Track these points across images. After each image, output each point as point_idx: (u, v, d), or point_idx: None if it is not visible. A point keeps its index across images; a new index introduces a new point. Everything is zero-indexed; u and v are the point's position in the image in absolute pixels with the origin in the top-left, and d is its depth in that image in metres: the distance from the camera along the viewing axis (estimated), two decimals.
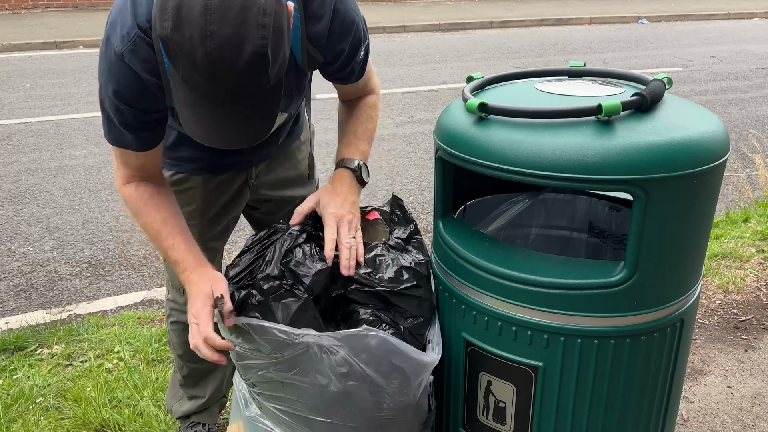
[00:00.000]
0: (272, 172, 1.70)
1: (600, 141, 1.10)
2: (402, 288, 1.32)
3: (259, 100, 1.08)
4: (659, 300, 1.20)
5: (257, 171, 1.68)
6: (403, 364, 1.27)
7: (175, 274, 1.70)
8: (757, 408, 2.18)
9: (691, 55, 9.29)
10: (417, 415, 1.37)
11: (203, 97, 1.05)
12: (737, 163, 4.82)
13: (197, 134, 1.11)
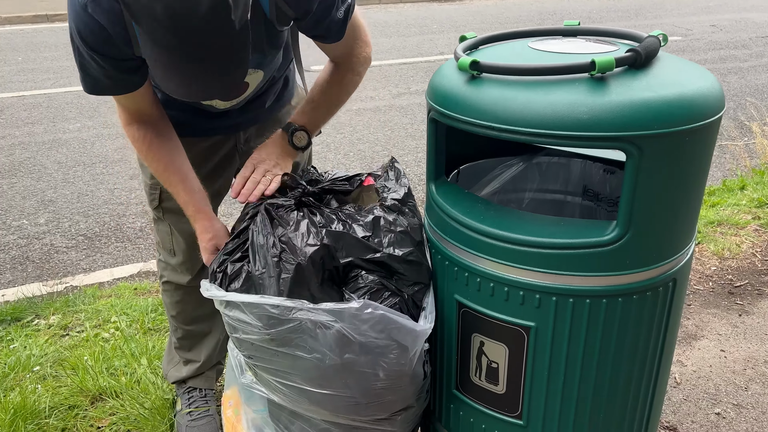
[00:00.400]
0: (262, 137, 1.69)
1: (593, 98, 1.09)
2: (403, 254, 1.31)
3: (226, 48, 1.07)
4: (652, 259, 1.20)
5: (246, 136, 1.66)
6: (398, 336, 1.27)
7: (165, 234, 1.72)
8: (750, 371, 2.20)
9: (690, 24, 9.20)
10: (413, 383, 1.37)
11: (170, 51, 1.04)
12: (735, 131, 4.80)
13: (170, 89, 1.11)
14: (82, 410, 1.96)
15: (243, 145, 1.67)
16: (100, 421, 1.93)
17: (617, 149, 1.10)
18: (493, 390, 1.36)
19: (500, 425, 1.38)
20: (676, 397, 2.08)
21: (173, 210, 1.68)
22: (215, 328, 1.87)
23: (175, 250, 1.74)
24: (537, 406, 1.32)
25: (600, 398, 1.30)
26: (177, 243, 1.72)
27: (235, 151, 1.67)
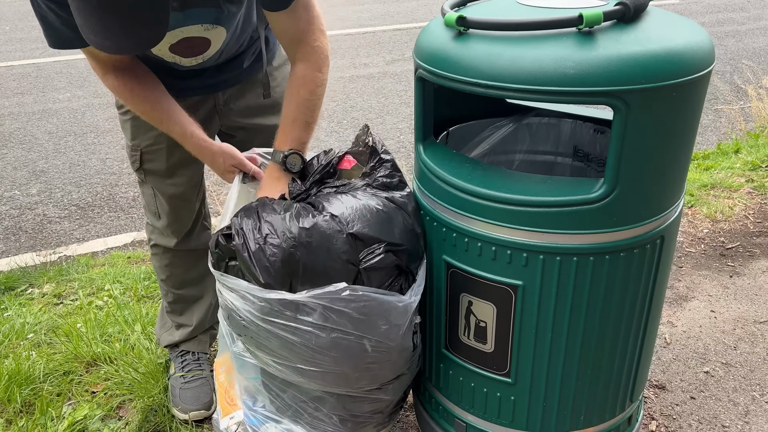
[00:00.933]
0: (242, 98, 1.68)
1: (580, 52, 1.07)
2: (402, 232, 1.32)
3: (148, 4, 1.06)
4: (639, 216, 1.19)
5: (225, 97, 1.65)
6: (384, 312, 1.27)
7: (149, 197, 1.71)
8: (739, 330, 2.22)
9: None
10: (402, 355, 1.38)
11: (92, 4, 1.04)
12: (731, 95, 4.77)
13: (91, 41, 1.11)
14: (77, 376, 1.98)
15: (223, 106, 1.66)
16: (95, 386, 1.94)
17: (604, 104, 1.09)
18: (482, 349, 1.37)
19: (489, 383, 1.40)
20: (665, 356, 2.11)
21: (155, 172, 1.68)
22: (206, 293, 1.88)
23: (159, 212, 1.74)
24: (525, 364, 1.33)
25: (587, 356, 1.31)
26: (161, 206, 1.72)
27: (215, 112, 1.66)
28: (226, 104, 1.66)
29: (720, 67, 5.78)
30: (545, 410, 1.38)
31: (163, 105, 1.48)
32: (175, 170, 1.68)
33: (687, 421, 1.84)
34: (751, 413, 1.87)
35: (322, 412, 1.44)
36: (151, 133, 1.63)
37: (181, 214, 1.73)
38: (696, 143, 4.30)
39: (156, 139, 1.64)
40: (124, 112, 1.67)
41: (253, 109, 1.71)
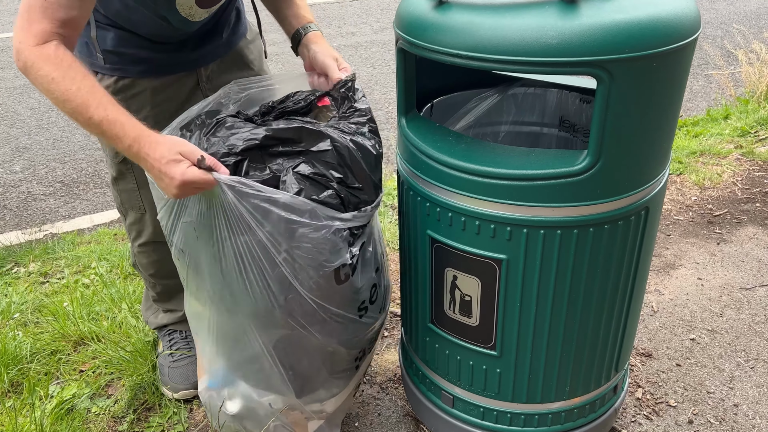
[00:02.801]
0: (224, 74, 1.63)
1: (562, 21, 1.04)
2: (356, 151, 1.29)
3: None
4: (623, 188, 1.18)
5: (207, 73, 1.60)
6: (303, 220, 1.22)
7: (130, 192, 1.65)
8: (726, 297, 2.24)
9: None
10: (346, 302, 1.36)
11: None
12: (721, 60, 4.73)
13: None
14: (65, 355, 1.97)
15: (206, 83, 1.61)
16: (83, 364, 1.94)
17: (587, 75, 1.07)
18: (467, 322, 1.37)
19: (475, 356, 1.40)
20: (652, 324, 2.12)
21: None
22: None
23: (144, 205, 1.67)
24: (510, 336, 1.33)
25: (572, 328, 1.31)
26: (145, 196, 1.65)
27: (198, 90, 1.61)
28: (209, 81, 1.61)
29: (711, 31, 5.73)
30: (531, 381, 1.39)
31: (97, 97, 1.21)
32: None
33: (673, 388, 1.86)
34: (736, 379, 1.89)
35: (264, 372, 1.43)
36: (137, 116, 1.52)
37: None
38: (686, 109, 4.29)
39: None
40: None
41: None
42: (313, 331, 1.37)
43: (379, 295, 1.50)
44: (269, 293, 1.28)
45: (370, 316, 1.48)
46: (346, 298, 1.38)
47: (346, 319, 1.40)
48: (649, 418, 1.76)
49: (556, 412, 1.44)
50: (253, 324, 1.35)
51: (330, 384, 1.52)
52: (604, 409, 1.52)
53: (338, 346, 1.44)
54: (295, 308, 1.32)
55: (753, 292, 2.26)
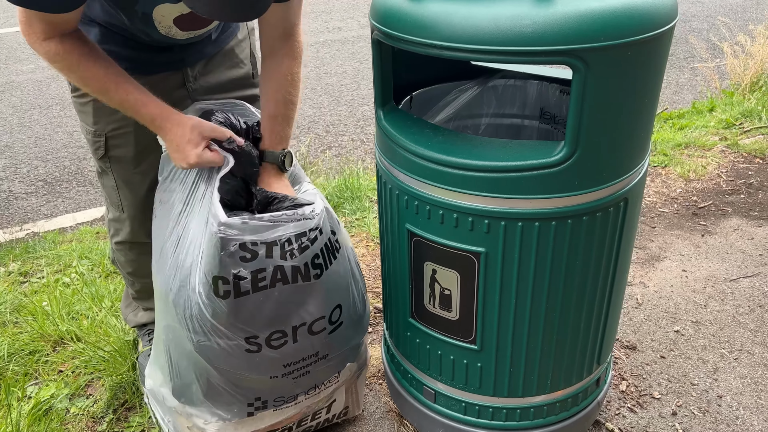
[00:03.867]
0: (211, 73, 1.60)
1: (537, 9, 1.03)
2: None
3: None
4: (601, 179, 1.17)
5: (194, 73, 1.57)
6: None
7: (111, 189, 1.62)
8: (710, 289, 2.24)
9: None
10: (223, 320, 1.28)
11: None
12: (707, 53, 4.74)
13: (198, 7, 1.06)
14: (44, 355, 1.95)
15: (192, 83, 1.57)
16: (62, 364, 1.91)
17: (563, 64, 1.05)
18: (447, 317, 1.35)
19: (455, 351, 1.39)
20: (637, 317, 2.12)
21: (121, 159, 1.56)
22: None
23: (123, 205, 1.63)
24: (490, 330, 1.32)
25: (552, 321, 1.30)
26: (124, 197, 1.61)
27: (184, 88, 1.57)
28: (196, 81, 1.58)
29: (697, 24, 5.75)
30: (512, 375, 1.37)
31: (117, 70, 1.33)
32: (143, 156, 1.57)
33: (657, 380, 1.86)
34: (720, 370, 1.89)
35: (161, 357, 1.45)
36: (115, 115, 1.49)
37: (148, 203, 1.64)
38: (672, 102, 4.30)
39: (122, 122, 1.51)
40: (82, 95, 1.52)
41: (224, 84, 1.63)
42: (189, 331, 1.31)
43: (290, 346, 1.36)
44: (171, 276, 1.32)
45: (269, 358, 1.35)
46: (223, 316, 1.28)
47: (224, 336, 1.31)
48: (633, 411, 1.75)
49: (538, 405, 1.43)
50: (157, 302, 1.41)
51: (208, 407, 1.42)
52: (587, 402, 1.51)
53: (209, 367, 1.35)
54: (180, 300, 1.30)
55: (737, 283, 2.27)
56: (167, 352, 1.40)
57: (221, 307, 1.26)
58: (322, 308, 1.36)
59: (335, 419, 1.64)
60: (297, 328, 1.34)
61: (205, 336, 1.30)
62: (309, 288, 1.32)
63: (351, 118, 4.24)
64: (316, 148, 3.82)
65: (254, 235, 1.23)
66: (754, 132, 3.42)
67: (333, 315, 1.40)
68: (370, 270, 2.40)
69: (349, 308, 1.44)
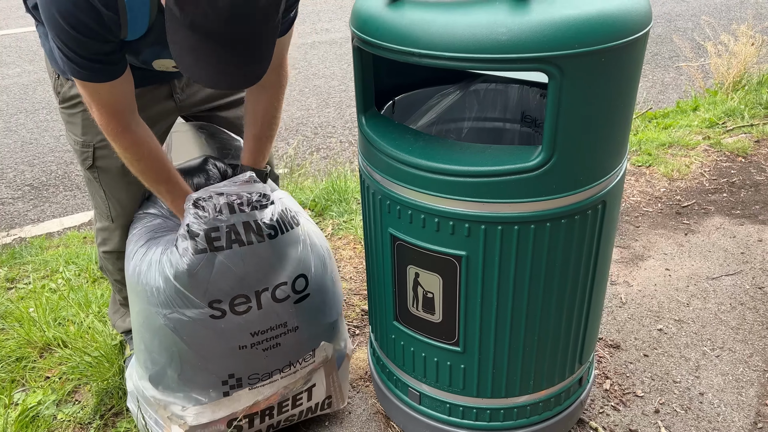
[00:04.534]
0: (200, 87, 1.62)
1: (513, 17, 1.04)
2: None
3: (266, 41, 1.09)
4: (579, 182, 1.19)
5: (181, 84, 1.58)
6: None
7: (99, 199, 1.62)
8: (693, 287, 2.27)
9: None
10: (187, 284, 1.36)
11: (213, 42, 1.04)
12: (691, 52, 4.79)
13: (200, 77, 1.09)
14: (31, 361, 1.94)
15: (180, 94, 1.58)
16: (49, 371, 1.91)
17: (539, 71, 1.07)
18: (430, 319, 1.37)
19: (439, 353, 1.40)
20: (621, 316, 2.14)
21: (108, 170, 1.56)
22: None
23: (112, 215, 1.62)
24: (472, 332, 1.33)
25: (533, 322, 1.32)
26: (113, 206, 1.61)
27: (173, 101, 1.58)
28: (183, 90, 1.60)
29: (682, 24, 5.80)
30: (495, 376, 1.39)
31: (167, 161, 1.44)
32: None
33: (640, 378, 1.89)
34: (702, 368, 1.92)
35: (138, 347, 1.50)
36: None
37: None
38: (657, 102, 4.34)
39: None
40: (72, 105, 1.52)
41: (212, 95, 1.66)
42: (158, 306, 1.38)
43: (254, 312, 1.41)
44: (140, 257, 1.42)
45: (235, 324, 1.40)
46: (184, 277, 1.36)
47: (190, 304, 1.37)
48: (617, 409, 1.78)
49: (522, 405, 1.45)
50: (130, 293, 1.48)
51: (185, 392, 1.46)
52: (570, 402, 1.54)
53: (179, 341, 1.39)
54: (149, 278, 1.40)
55: (719, 281, 2.30)
56: (142, 339, 1.45)
57: (182, 266, 1.34)
58: (282, 274, 1.42)
59: (319, 410, 1.66)
60: (260, 293, 1.41)
61: (171, 307, 1.36)
62: (265, 249, 1.39)
63: (339, 119, 4.25)
64: (304, 150, 3.83)
65: (205, 193, 1.35)
66: (736, 131, 3.46)
67: (297, 284, 1.45)
68: (358, 272, 2.41)
69: (317, 282, 1.49)
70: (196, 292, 1.35)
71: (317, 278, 1.50)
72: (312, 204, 2.88)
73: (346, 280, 2.37)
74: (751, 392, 1.83)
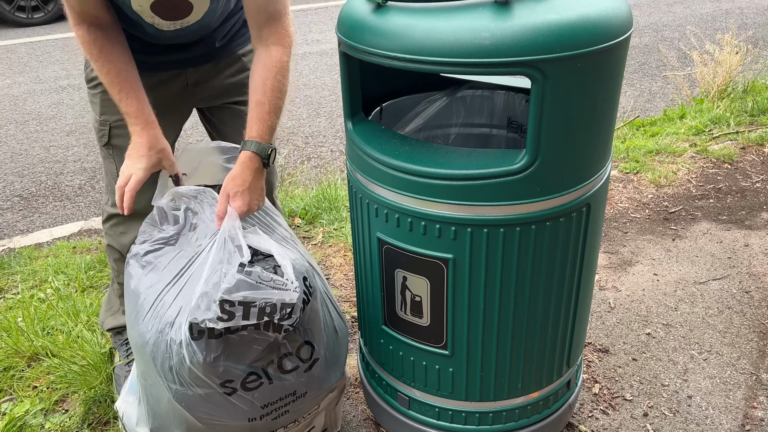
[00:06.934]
0: (216, 78, 1.66)
1: (496, 22, 1.06)
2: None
3: None
4: (563, 185, 1.20)
5: (197, 76, 1.63)
6: None
7: (111, 177, 1.69)
8: (680, 292, 2.29)
9: None
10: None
11: None
12: (677, 62, 4.84)
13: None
14: (18, 371, 1.93)
15: (193, 86, 1.63)
16: (37, 380, 1.90)
17: (521, 75, 1.09)
18: (418, 323, 1.37)
19: (427, 357, 1.41)
20: (609, 321, 2.16)
21: (122, 147, 1.58)
22: None
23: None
24: (460, 335, 1.34)
25: (520, 325, 1.33)
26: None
27: (185, 91, 1.63)
28: (197, 84, 1.64)
29: (668, 33, 5.87)
30: (483, 380, 1.40)
31: (128, 74, 1.44)
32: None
33: (629, 382, 1.89)
34: (690, 371, 1.93)
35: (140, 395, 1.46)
36: None
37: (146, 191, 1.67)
38: (645, 110, 4.38)
39: None
40: (93, 86, 1.64)
41: (228, 88, 1.69)
42: (166, 381, 1.31)
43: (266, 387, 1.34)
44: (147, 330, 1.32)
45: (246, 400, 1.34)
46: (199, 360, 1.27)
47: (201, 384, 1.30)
48: (606, 413, 1.79)
49: (510, 409, 1.46)
50: (135, 353, 1.41)
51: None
52: (558, 405, 1.54)
53: (188, 415, 1.33)
54: (157, 353, 1.30)
55: (706, 285, 2.32)
56: (145, 396, 1.40)
57: (195, 350, 1.25)
58: (286, 345, 1.34)
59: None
60: (266, 367, 1.33)
61: (182, 386, 1.29)
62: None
63: (330, 129, 4.26)
64: (295, 160, 3.84)
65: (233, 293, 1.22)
66: (722, 138, 3.50)
67: (302, 353, 1.37)
68: (348, 279, 2.41)
69: (323, 346, 1.41)
70: (210, 375, 1.29)
71: (324, 342, 1.42)
72: (302, 212, 2.89)
73: (336, 288, 2.37)
74: (738, 395, 1.84)
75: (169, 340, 1.27)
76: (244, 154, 1.39)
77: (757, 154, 3.31)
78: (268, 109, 1.41)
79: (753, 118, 3.73)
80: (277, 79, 1.43)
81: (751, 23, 6.05)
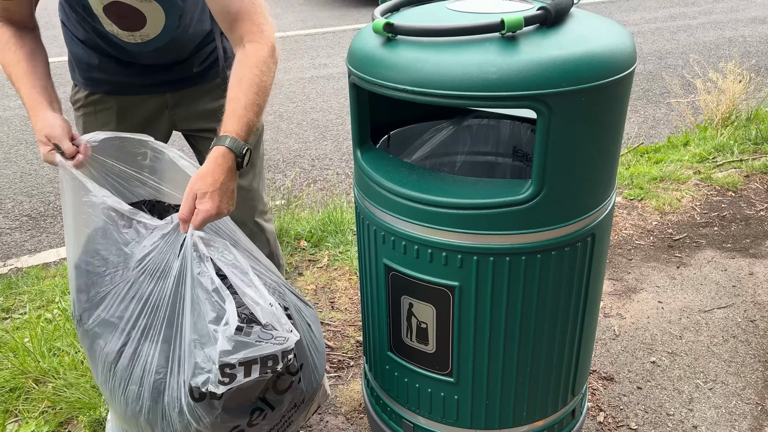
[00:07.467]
0: (197, 102, 1.70)
1: (502, 57, 1.09)
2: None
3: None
4: (568, 215, 1.22)
5: (175, 100, 1.67)
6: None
7: None
8: (685, 320, 2.29)
9: None
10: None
11: None
12: (681, 89, 4.89)
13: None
14: (24, 392, 1.94)
15: (173, 108, 1.69)
16: (43, 401, 1.91)
17: (527, 108, 1.11)
18: (424, 350, 1.38)
19: (433, 384, 1.41)
20: (614, 348, 2.16)
21: None
22: None
23: None
24: (466, 363, 1.35)
25: (525, 353, 1.34)
26: None
27: (165, 111, 1.69)
28: (177, 107, 1.68)
29: (672, 61, 5.93)
30: (488, 408, 1.40)
31: (30, 63, 1.41)
32: None
33: (633, 411, 1.89)
34: (695, 400, 1.93)
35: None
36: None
37: None
38: (649, 137, 4.41)
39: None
40: (76, 108, 1.71)
41: (206, 113, 1.72)
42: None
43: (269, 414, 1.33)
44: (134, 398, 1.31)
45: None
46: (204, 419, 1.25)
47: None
48: None
49: None
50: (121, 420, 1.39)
51: None
52: None
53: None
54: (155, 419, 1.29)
55: (711, 314, 2.32)
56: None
57: (201, 414, 1.23)
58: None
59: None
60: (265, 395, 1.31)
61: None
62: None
63: (336, 152, 4.30)
64: (301, 182, 3.87)
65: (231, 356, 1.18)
66: (726, 166, 3.52)
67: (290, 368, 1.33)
68: (353, 303, 2.42)
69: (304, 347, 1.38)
70: (216, 427, 1.27)
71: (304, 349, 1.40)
72: (308, 235, 2.91)
73: (341, 311, 2.38)
74: (744, 425, 1.83)
75: (166, 407, 1.23)
76: (217, 149, 1.28)
77: (761, 182, 3.32)
78: (244, 104, 1.32)
79: (757, 146, 3.76)
80: (253, 74, 1.34)
81: (754, 51, 6.11)
